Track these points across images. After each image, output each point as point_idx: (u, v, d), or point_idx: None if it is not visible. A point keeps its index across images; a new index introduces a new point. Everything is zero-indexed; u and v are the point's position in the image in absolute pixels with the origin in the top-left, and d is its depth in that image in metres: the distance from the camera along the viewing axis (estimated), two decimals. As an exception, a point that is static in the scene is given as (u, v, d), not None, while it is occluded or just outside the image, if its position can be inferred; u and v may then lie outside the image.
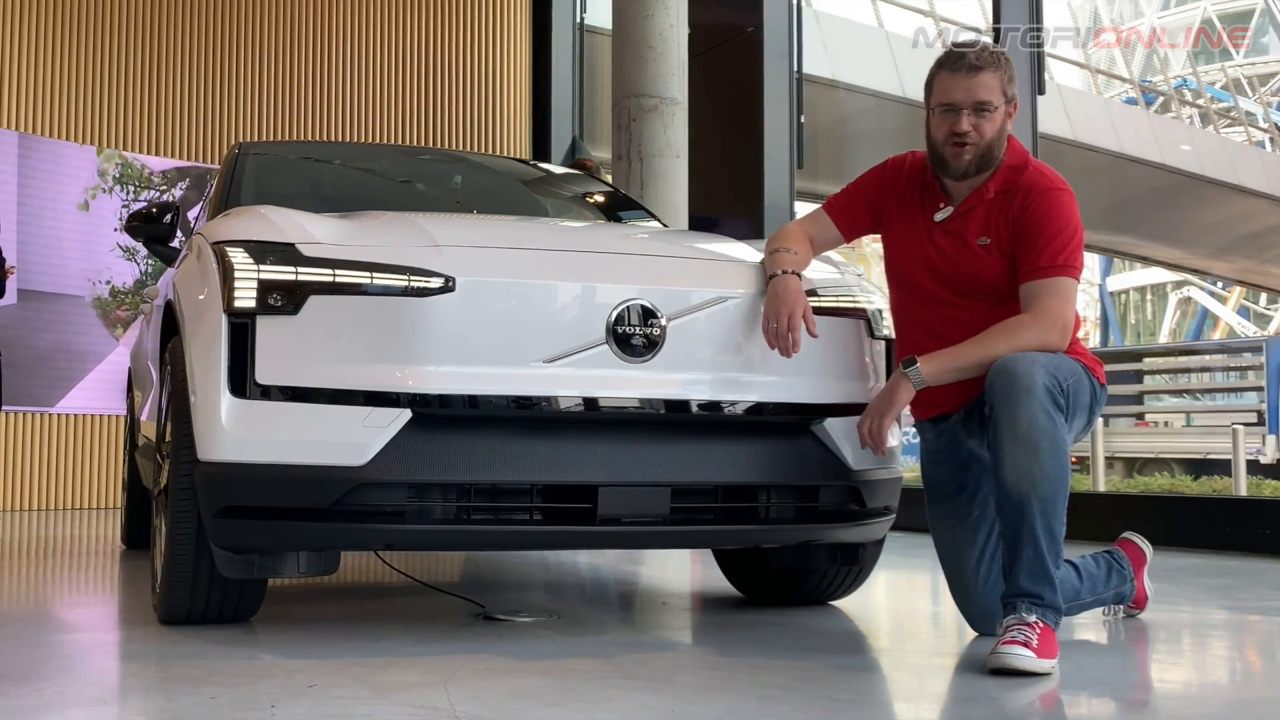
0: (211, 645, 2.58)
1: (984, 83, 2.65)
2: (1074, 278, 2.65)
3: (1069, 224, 2.65)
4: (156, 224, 3.63)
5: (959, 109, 2.66)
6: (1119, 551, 3.05)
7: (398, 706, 2.02)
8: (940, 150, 2.70)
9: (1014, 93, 2.72)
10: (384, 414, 2.48)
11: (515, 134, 9.93)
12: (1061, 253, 2.62)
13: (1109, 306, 37.52)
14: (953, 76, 2.68)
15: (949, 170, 2.71)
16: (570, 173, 5.22)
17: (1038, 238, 2.63)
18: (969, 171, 2.70)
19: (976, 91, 2.65)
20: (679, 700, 2.10)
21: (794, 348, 2.68)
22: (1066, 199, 2.68)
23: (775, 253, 2.82)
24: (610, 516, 2.58)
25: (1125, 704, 2.24)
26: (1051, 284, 2.61)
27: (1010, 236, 2.68)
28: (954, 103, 2.67)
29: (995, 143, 2.68)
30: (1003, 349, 2.57)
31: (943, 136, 2.69)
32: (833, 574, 3.25)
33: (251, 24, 8.95)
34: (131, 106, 8.45)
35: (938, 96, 2.70)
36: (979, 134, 2.66)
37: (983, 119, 2.66)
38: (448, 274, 2.55)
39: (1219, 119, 27.11)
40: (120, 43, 8.45)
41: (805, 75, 7.90)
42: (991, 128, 2.67)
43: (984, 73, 2.66)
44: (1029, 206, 2.66)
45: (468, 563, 4.52)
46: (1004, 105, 2.69)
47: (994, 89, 2.66)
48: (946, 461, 2.86)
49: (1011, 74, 2.71)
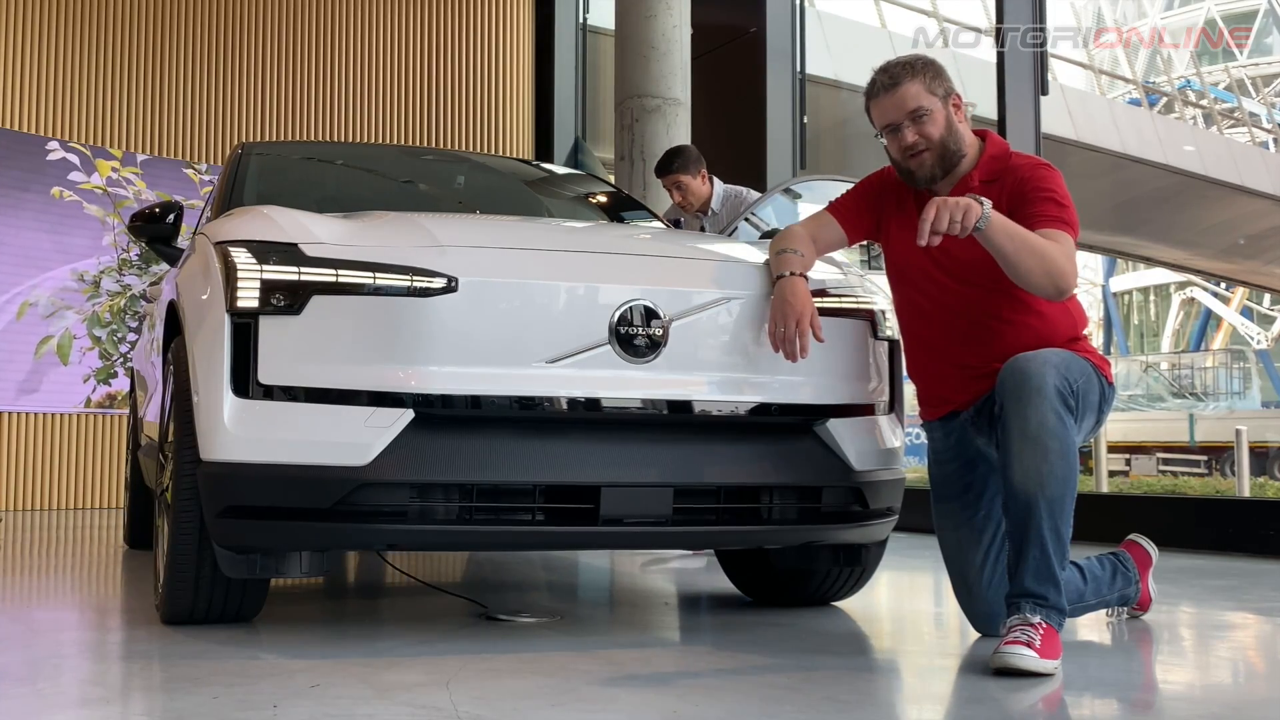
0: (214, 645, 2.58)
1: (907, 93, 2.73)
2: (1073, 236, 2.67)
3: (1059, 191, 2.69)
4: (159, 224, 3.63)
5: (899, 126, 2.74)
6: (1125, 554, 3.04)
7: (400, 707, 2.01)
8: (903, 165, 2.79)
9: (947, 88, 2.78)
10: (386, 414, 2.48)
11: (518, 134, 9.94)
12: (1061, 212, 2.65)
13: (1112, 307, 37.48)
14: (877, 101, 2.78)
15: (918, 180, 2.79)
16: (573, 173, 5.22)
17: (1036, 199, 2.67)
18: (935, 174, 2.77)
19: (904, 104, 2.73)
20: (681, 701, 2.10)
21: (801, 354, 2.68)
22: (1055, 172, 2.74)
23: (781, 254, 2.82)
24: (613, 517, 2.58)
25: (1129, 705, 2.24)
26: (1053, 232, 2.62)
27: (1007, 212, 2.69)
28: (891, 122, 2.76)
29: (947, 138, 2.74)
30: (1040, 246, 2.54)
31: (899, 153, 2.78)
32: (835, 575, 3.25)
33: (254, 24, 8.96)
34: (134, 107, 8.46)
35: (878, 122, 2.80)
36: (927, 138, 2.73)
37: (923, 124, 2.73)
38: (450, 274, 2.54)
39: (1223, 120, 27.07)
40: (123, 43, 8.46)
41: (808, 76, 7.90)
42: (936, 128, 2.73)
43: (901, 85, 2.74)
44: (1022, 178, 2.72)
45: (470, 563, 4.52)
46: (940, 102, 2.74)
47: (919, 94, 2.73)
48: (953, 461, 2.85)
49: (934, 73, 2.77)
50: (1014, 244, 2.55)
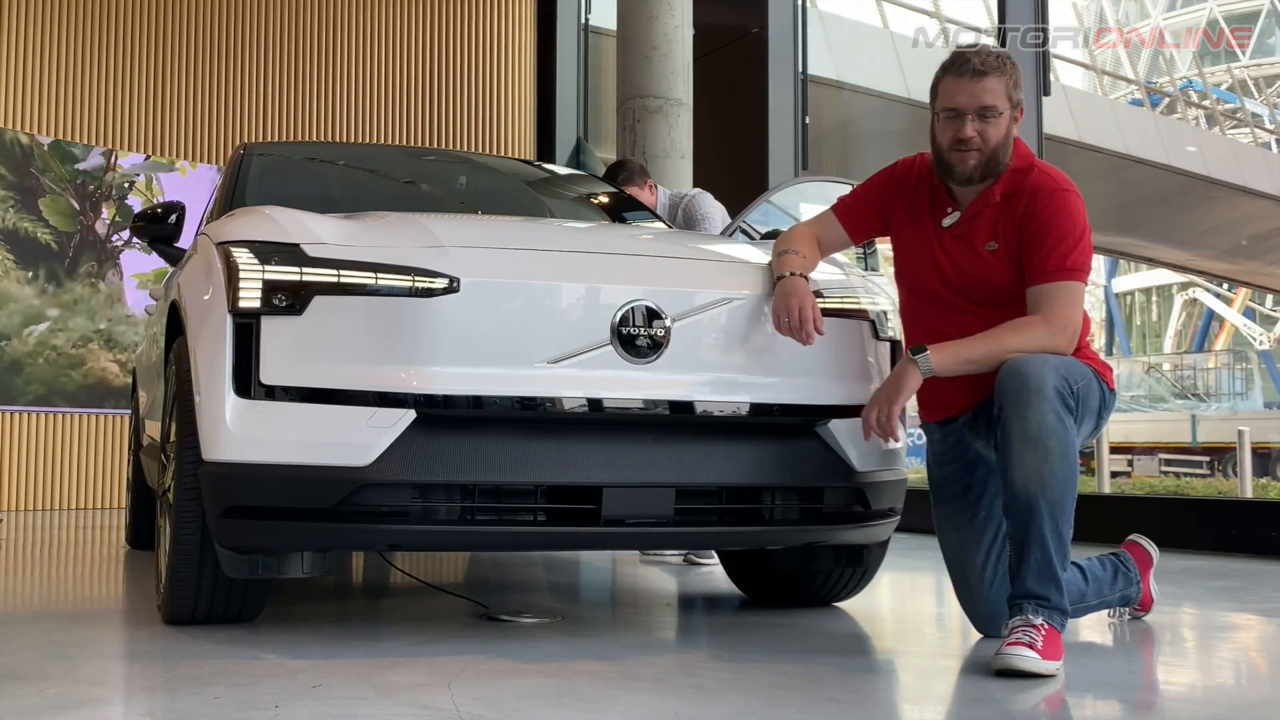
0: (216, 645, 2.59)
1: (989, 87, 2.63)
2: (1082, 281, 2.63)
3: (1076, 226, 2.62)
4: (161, 224, 3.63)
5: (963, 114, 2.64)
6: (1126, 554, 3.04)
7: (401, 707, 2.01)
8: (945, 155, 2.69)
9: (1020, 97, 2.69)
10: (388, 414, 2.48)
11: (520, 135, 9.94)
12: (1070, 255, 2.60)
13: (1114, 308, 37.48)
14: (957, 81, 2.65)
15: (953, 175, 2.69)
16: (574, 174, 5.21)
17: (1045, 240, 2.61)
18: (974, 177, 2.68)
19: (981, 96, 2.63)
20: (683, 701, 2.10)
21: (809, 338, 2.67)
22: (1073, 199, 2.65)
23: (783, 254, 2.82)
24: (614, 518, 2.58)
25: (1130, 706, 2.24)
26: (1060, 288, 2.59)
27: (1017, 239, 2.66)
28: (958, 108, 2.65)
29: (1000, 148, 2.66)
30: (1012, 345, 2.56)
31: (947, 142, 2.67)
32: (837, 575, 3.25)
33: (257, 25, 8.96)
34: (136, 107, 8.46)
35: (942, 101, 2.68)
36: (984, 139, 2.64)
37: (988, 124, 2.64)
38: (452, 274, 2.54)
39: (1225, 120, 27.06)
40: (126, 44, 8.46)
41: (810, 76, 7.90)
42: (996, 133, 2.64)
43: (989, 77, 2.63)
44: (1035, 209, 2.64)
45: (472, 563, 4.52)
46: (1009, 110, 2.67)
47: (999, 94, 2.64)
48: (953, 463, 2.85)
49: (1017, 78, 2.69)
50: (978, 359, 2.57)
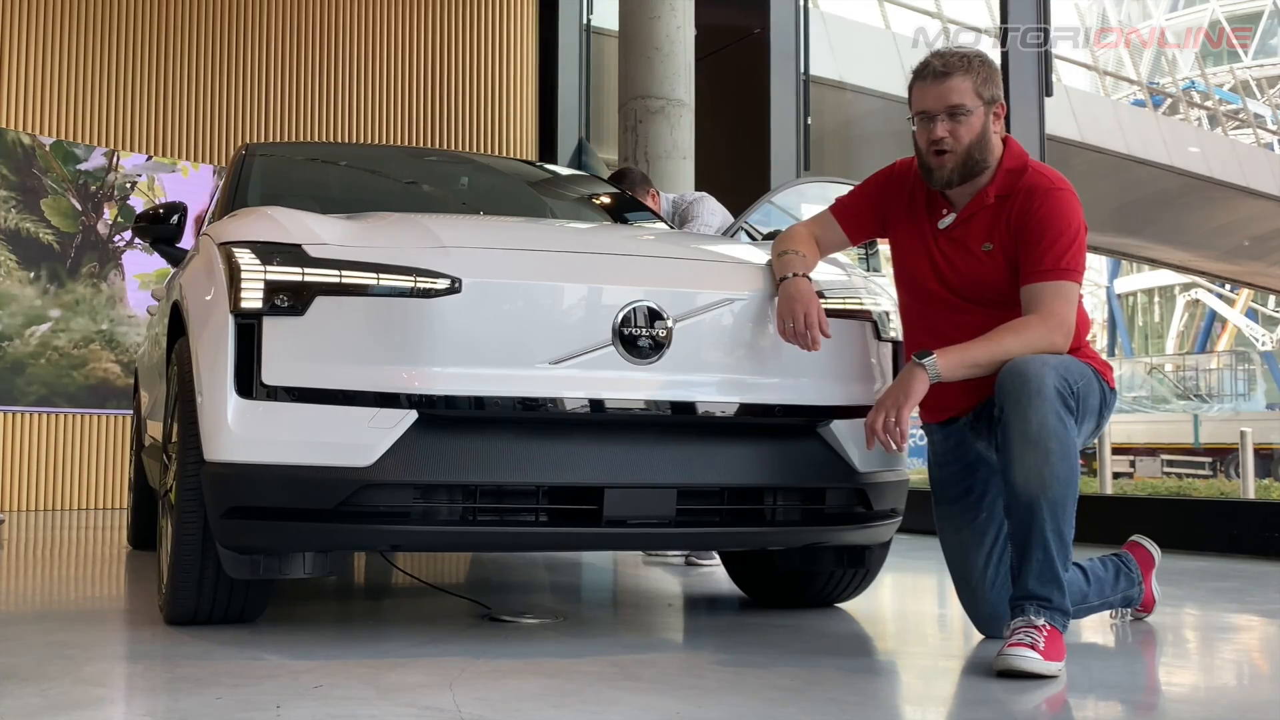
0: (217, 646, 2.59)
1: (954, 87, 2.65)
2: (1076, 281, 2.63)
3: (1070, 225, 2.62)
4: (163, 224, 3.64)
5: (933, 116, 2.66)
6: (1128, 555, 3.04)
7: (403, 708, 2.01)
8: (925, 160, 2.71)
9: (994, 94, 2.69)
10: (390, 415, 2.48)
11: (522, 135, 9.94)
12: (1064, 256, 2.60)
13: (1116, 309, 37.46)
14: (922, 85, 2.69)
15: (932, 179, 2.71)
16: (576, 174, 5.21)
17: (1039, 240, 2.62)
18: (951, 180, 2.69)
19: (947, 96, 2.65)
20: (684, 702, 2.10)
21: (814, 344, 2.67)
22: (1067, 198, 2.65)
23: (783, 255, 2.82)
24: (616, 518, 2.58)
25: (1132, 707, 2.23)
26: (1054, 287, 2.60)
27: (1013, 240, 2.66)
28: (927, 110, 2.67)
29: (975, 146, 2.66)
30: (1012, 346, 2.56)
31: (924, 145, 2.70)
32: (839, 576, 3.25)
33: (259, 26, 8.97)
34: (138, 108, 8.47)
35: (914, 106, 2.72)
36: (955, 139, 2.65)
37: (958, 123, 2.65)
38: (454, 275, 2.54)
39: (1227, 121, 27.05)
40: (127, 44, 8.47)
41: (812, 77, 7.90)
42: (969, 132, 2.65)
43: (952, 77, 2.65)
44: (1029, 208, 2.64)
45: (473, 564, 4.52)
46: (982, 107, 2.66)
47: (966, 92, 2.65)
48: (954, 464, 2.85)
49: (987, 75, 2.68)
50: (983, 362, 2.56)
